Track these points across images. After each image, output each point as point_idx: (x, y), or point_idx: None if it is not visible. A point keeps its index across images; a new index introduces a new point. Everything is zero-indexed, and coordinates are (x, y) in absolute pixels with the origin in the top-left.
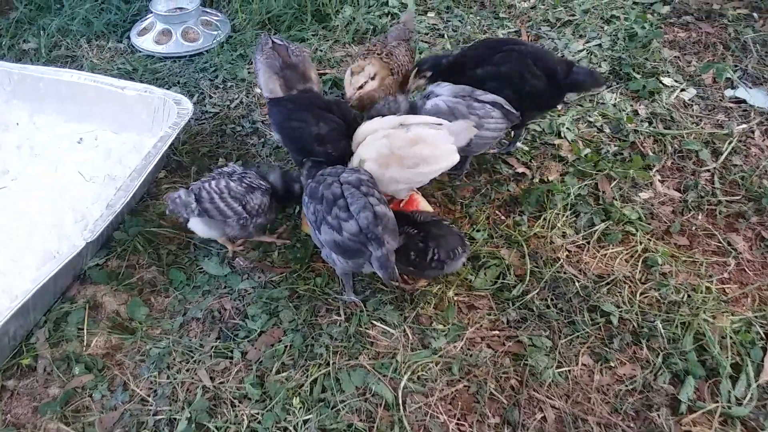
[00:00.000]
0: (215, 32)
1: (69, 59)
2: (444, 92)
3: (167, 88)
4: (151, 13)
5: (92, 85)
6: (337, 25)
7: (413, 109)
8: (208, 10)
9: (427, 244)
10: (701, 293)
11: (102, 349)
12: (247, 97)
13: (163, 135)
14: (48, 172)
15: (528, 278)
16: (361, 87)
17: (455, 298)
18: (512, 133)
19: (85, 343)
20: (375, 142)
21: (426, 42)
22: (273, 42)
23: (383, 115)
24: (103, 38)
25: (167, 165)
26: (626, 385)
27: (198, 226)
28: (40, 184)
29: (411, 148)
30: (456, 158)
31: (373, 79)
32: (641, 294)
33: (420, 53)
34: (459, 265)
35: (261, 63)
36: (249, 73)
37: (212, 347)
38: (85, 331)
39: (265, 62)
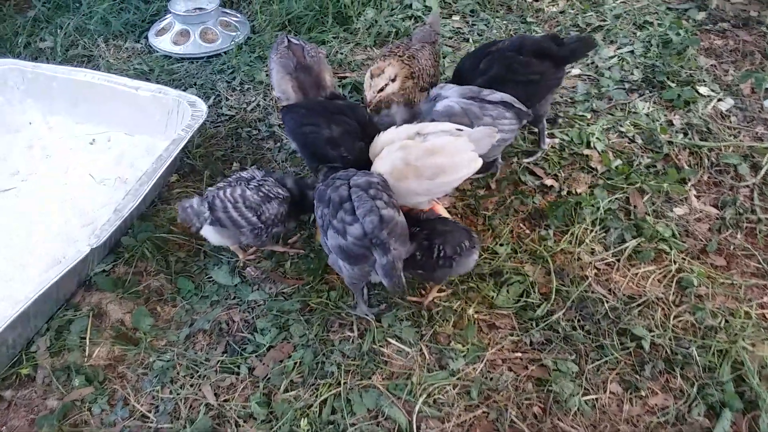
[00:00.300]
0: (234, 33)
1: (85, 59)
2: (451, 94)
3: (183, 90)
4: (170, 13)
5: (106, 85)
6: (359, 28)
7: (415, 116)
8: (228, 11)
9: (432, 241)
10: (740, 318)
11: (104, 360)
12: (265, 100)
13: (175, 138)
14: (58, 174)
15: (553, 297)
16: (381, 90)
17: (475, 316)
18: (536, 134)
19: (87, 354)
20: (390, 155)
21: (450, 46)
22: (289, 41)
23: (392, 124)
24: (121, 38)
25: (180, 168)
26: (658, 417)
27: (210, 234)
28: (49, 186)
29: (428, 158)
30: (478, 165)
31: (393, 81)
32: (675, 318)
33: (444, 57)
34: (471, 263)
35: (275, 62)
36: (267, 75)
37: (218, 361)
38: (87, 340)
39: (278, 62)
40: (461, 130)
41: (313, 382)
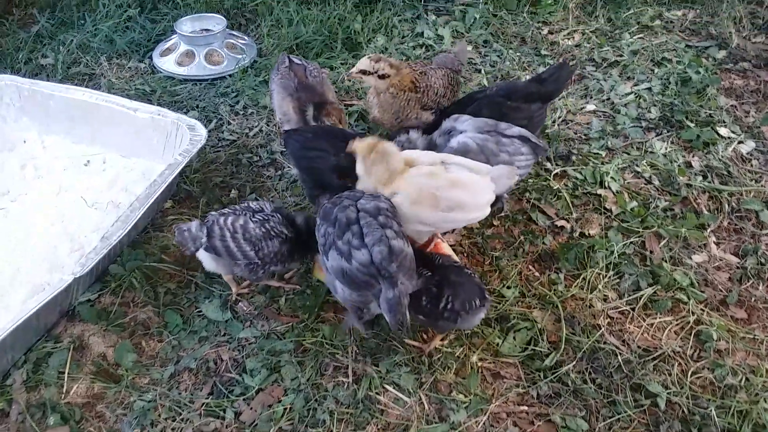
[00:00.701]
0: (240, 56)
1: (87, 77)
2: (467, 128)
3: (185, 112)
4: (176, 33)
5: (104, 105)
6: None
7: (432, 147)
8: (235, 33)
9: (442, 290)
10: (761, 377)
11: (82, 398)
12: (267, 125)
13: (171, 162)
14: (49, 196)
15: (563, 346)
16: (364, 72)
17: (479, 364)
18: None
19: (64, 390)
20: (417, 177)
21: (462, 77)
22: (290, 61)
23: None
24: (125, 57)
25: (176, 194)
26: None
27: (205, 259)
28: (39, 208)
29: (450, 190)
30: (487, 212)
31: (382, 78)
32: (693, 374)
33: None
34: (476, 321)
35: (275, 83)
36: (269, 98)
37: (203, 404)
38: (66, 375)
39: (279, 82)
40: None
41: (303, 430)
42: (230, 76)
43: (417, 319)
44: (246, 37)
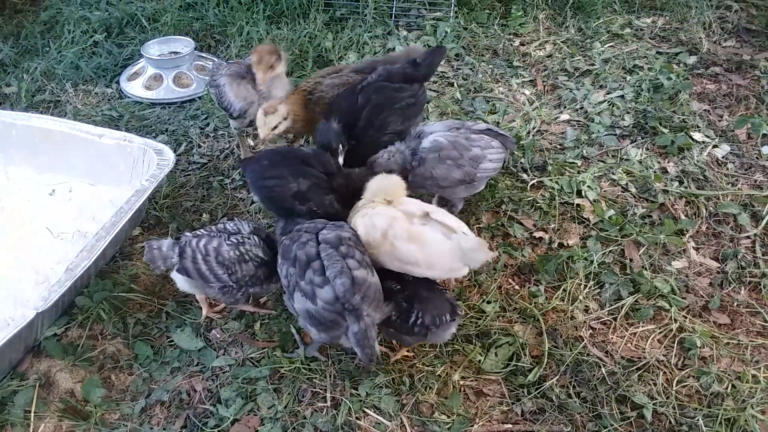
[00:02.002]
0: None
1: (52, 104)
2: (436, 128)
3: (154, 137)
4: (143, 57)
5: (68, 132)
6: None
7: (414, 153)
8: (204, 55)
9: (412, 305)
10: (747, 383)
11: None
12: (238, 147)
13: (138, 188)
14: (13, 228)
15: (546, 360)
16: (275, 128)
17: (461, 383)
18: None
19: (31, 429)
20: (375, 218)
21: (435, 90)
22: (229, 63)
23: (391, 170)
24: (91, 83)
25: (145, 221)
26: None
27: (179, 280)
28: (3, 240)
29: (406, 243)
30: (460, 274)
31: (285, 119)
32: (678, 383)
33: (428, 102)
34: (447, 336)
35: (224, 78)
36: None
37: None
38: (32, 414)
39: (228, 75)
40: (465, 233)
41: None
42: (200, 98)
43: (386, 332)
44: (215, 59)
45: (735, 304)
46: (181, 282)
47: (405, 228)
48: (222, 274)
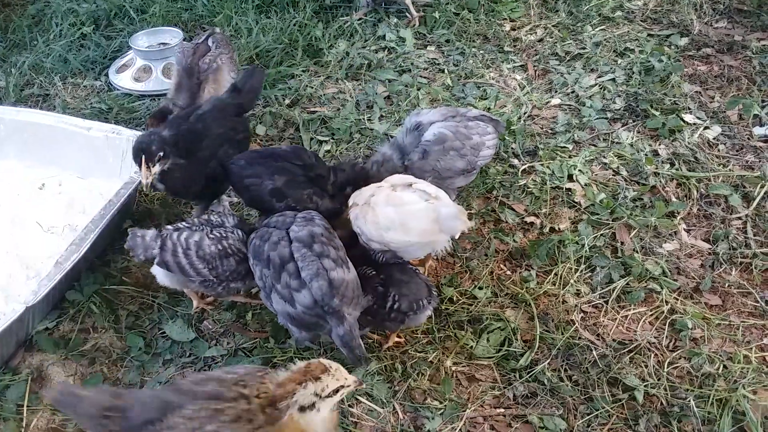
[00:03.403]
0: None
1: (41, 98)
2: (433, 117)
3: (143, 129)
4: (132, 48)
5: (55, 125)
6: (330, 61)
7: (401, 150)
8: None
9: (387, 289)
10: (739, 363)
11: (43, 431)
12: None
13: (127, 181)
14: (3, 223)
15: (537, 345)
16: None
17: (453, 369)
18: None
19: (24, 423)
20: (367, 189)
21: (425, 77)
22: (205, 39)
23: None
24: (80, 76)
25: (135, 213)
26: None
27: (159, 274)
28: None
29: (384, 206)
30: (438, 244)
31: None
32: (670, 364)
33: (418, 89)
34: (423, 319)
35: (176, 56)
36: None
37: None
38: (25, 408)
39: (177, 56)
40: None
41: None
42: None
43: (364, 319)
44: None
45: (726, 285)
46: (161, 276)
47: (386, 194)
48: (202, 269)
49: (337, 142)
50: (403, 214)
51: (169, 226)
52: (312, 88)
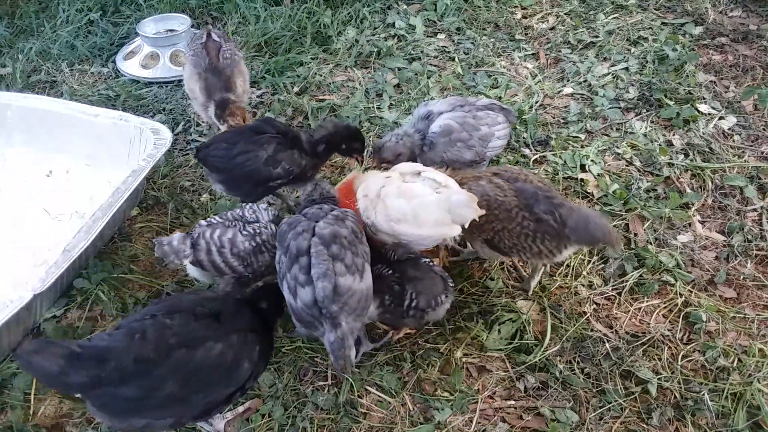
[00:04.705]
0: None
1: (48, 85)
2: (443, 108)
3: (151, 116)
4: (139, 35)
5: (63, 112)
6: (339, 48)
7: (423, 137)
8: None
9: (404, 287)
10: (754, 357)
11: (50, 419)
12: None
13: (135, 168)
14: (11, 210)
15: (549, 336)
16: None
17: (463, 360)
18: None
19: (31, 411)
20: (373, 180)
21: (435, 65)
22: (208, 36)
23: (399, 153)
24: (87, 62)
25: (143, 201)
26: None
27: (191, 270)
28: (0, 222)
29: (395, 199)
30: (450, 233)
31: None
32: (684, 357)
33: (428, 78)
34: (442, 313)
35: (188, 57)
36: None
37: None
38: (32, 396)
39: (191, 58)
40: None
41: None
42: None
43: (383, 318)
44: None
45: (741, 277)
46: (193, 271)
47: (396, 185)
48: (237, 266)
49: None
50: (414, 206)
51: (202, 222)
52: (321, 75)
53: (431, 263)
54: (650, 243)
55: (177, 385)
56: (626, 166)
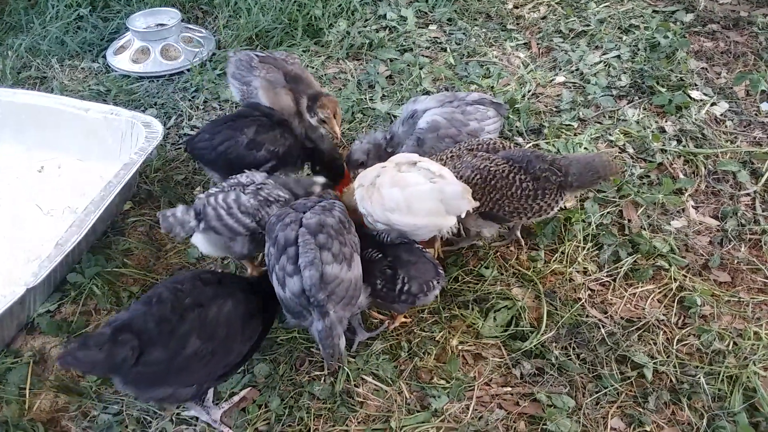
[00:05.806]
0: (197, 49)
1: (38, 80)
2: (431, 104)
3: (143, 111)
4: (129, 30)
5: (53, 107)
6: (330, 41)
7: (395, 138)
8: (191, 26)
9: (396, 272)
10: (749, 340)
11: (46, 413)
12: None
13: (127, 162)
14: (2, 205)
15: (545, 323)
16: None
17: (460, 348)
18: None
19: (26, 406)
20: (370, 172)
21: (427, 56)
22: (259, 57)
23: (368, 152)
24: (77, 58)
25: (136, 195)
26: None
27: (201, 243)
28: None
29: (390, 187)
30: (444, 225)
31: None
32: (679, 342)
33: (421, 68)
34: (432, 298)
35: (259, 80)
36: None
37: (174, 413)
38: (27, 391)
39: (264, 79)
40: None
41: (281, 429)
42: (188, 70)
43: (375, 302)
44: (203, 30)
45: (735, 261)
46: (203, 245)
47: (391, 175)
48: (250, 222)
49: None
50: (408, 195)
51: (201, 194)
52: (313, 68)
53: (423, 249)
54: (644, 229)
55: (199, 341)
56: (619, 153)
